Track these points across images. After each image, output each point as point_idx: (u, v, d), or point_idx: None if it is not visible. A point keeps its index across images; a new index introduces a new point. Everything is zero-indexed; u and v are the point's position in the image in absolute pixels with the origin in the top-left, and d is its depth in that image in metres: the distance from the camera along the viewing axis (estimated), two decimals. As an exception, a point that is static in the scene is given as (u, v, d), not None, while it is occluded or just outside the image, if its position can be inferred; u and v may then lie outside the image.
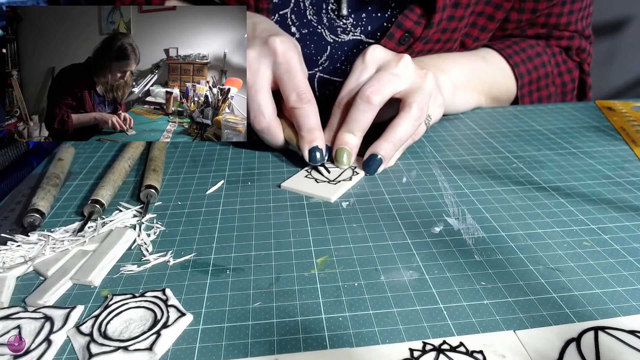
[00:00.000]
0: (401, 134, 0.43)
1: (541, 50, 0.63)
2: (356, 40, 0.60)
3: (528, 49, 0.62)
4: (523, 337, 0.25)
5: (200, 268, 0.31)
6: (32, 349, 0.25)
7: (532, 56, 0.62)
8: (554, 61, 0.64)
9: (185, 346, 0.25)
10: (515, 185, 0.41)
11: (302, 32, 0.60)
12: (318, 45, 0.60)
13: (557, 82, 0.65)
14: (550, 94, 0.65)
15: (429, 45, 0.60)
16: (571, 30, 0.65)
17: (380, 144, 0.43)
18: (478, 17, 0.61)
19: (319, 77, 0.63)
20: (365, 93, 0.42)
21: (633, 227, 0.34)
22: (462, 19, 0.59)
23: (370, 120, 0.43)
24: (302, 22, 0.60)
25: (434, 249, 0.32)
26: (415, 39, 0.57)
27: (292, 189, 0.41)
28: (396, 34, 0.57)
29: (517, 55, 0.61)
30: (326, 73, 0.62)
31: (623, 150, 0.47)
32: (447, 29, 0.59)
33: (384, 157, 0.42)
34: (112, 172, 0.41)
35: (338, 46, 0.60)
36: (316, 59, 0.61)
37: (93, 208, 0.36)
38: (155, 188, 0.39)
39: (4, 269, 0.30)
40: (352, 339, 0.25)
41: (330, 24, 0.59)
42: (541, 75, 0.63)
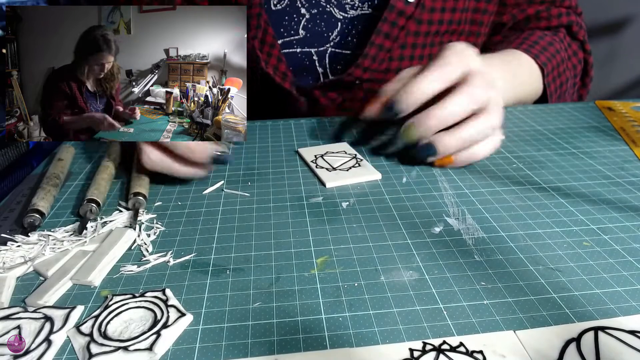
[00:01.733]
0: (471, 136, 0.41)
1: (550, 39, 0.64)
2: (365, 14, 0.62)
3: (540, 40, 0.63)
4: (523, 337, 0.25)
5: (200, 268, 0.31)
6: (32, 349, 0.25)
7: (546, 46, 0.63)
8: (564, 46, 0.66)
9: (185, 346, 0.25)
10: (515, 185, 0.41)
11: (312, 13, 0.62)
12: (328, 23, 0.63)
13: (569, 65, 0.67)
14: (567, 78, 0.67)
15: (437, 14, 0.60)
16: (566, 6, 0.67)
17: (450, 137, 0.41)
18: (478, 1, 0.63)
19: (331, 52, 0.64)
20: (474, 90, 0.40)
21: (633, 227, 0.34)
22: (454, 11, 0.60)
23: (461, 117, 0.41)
24: (311, 3, 0.62)
25: (434, 249, 0.32)
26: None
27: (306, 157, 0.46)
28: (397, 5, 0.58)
29: (533, 47, 0.62)
30: (337, 47, 0.64)
31: (623, 151, 0.47)
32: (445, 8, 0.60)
33: (443, 149, 0.41)
34: (98, 171, 0.41)
35: (348, 22, 0.62)
36: (327, 36, 0.63)
37: (88, 207, 0.36)
38: (144, 196, 0.38)
39: (4, 269, 0.30)
40: (352, 339, 0.25)
41: (338, 2, 0.61)
42: (559, 61, 0.64)
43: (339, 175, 0.43)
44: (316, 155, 0.47)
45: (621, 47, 1.47)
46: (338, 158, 0.46)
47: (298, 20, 0.62)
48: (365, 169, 0.44)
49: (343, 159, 0.46)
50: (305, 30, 0.63)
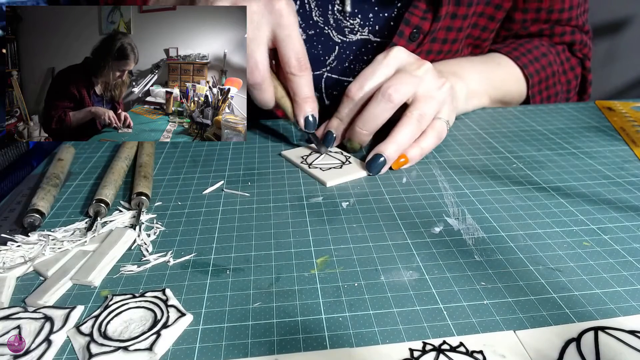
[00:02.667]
0: (404, 137, 0.43)
1: (546, 50, 0.64)
2: (364, 39, 0.60)
3: (534, 50, 0.63)
4: (523, 337, 0.25)
5: (200, 268, 0.31)
6: (32, 349, 0.25)
7: (539, 56, 0.63)
8: (559, 60, 0.65)
9: (185, 346, 0.25)
10: (515, 185, 0.41)
11: (308, 34, 0.60)
12: (325, 46, 0.60)
13: (562, 80, 0.66)
14: (557, 92, 0.66)
15: (437, 45, 0.60)
16: (572, 25, 0.66)
17: (386, 145, 0.43)
18: (480, 17, 0.62)
19: (327, 77, 0.63)
20: (387, 91, 0.43)
21: (633, 227, 0.34)
22: (465, 18, 0.59)
23: (386, 118, 0.44)
24: (308, 24, 0.60)
25: (434, 249, 0.32)
26: (424, 35, 0.58)
27: (291, 159, 0.45)
28: (405, 32, 0.57)
29: (525, 56, 0.62)
30: (334, 73, 0.62)
31: (623, 151, 0.47)
32: (452, 27, 0.59)
33: (388, 157, 0.43)
34: (112, 172, 0.41)
35: (346, 46, 0.60)
36: (324, 60, 0.61)
37: (99, 207, 0.36)
38: (147, 196, 0.39)
39: (4, 269, 0.30)
40: (352, 339, 0.25)
41: (337, 25, 0.59)
42: (549, 74, 0.64)
43: (335, 173, 0.43)
44: (303, 157, 0.47)
45: (621, 47, 1.47)
46: (327, 157, 0.46)
47: None
48: (356, 165, 0.45)
49: (332, 158, 0.46)
50: None
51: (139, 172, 0.42)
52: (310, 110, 0.46)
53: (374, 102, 0.43)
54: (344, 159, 0.46)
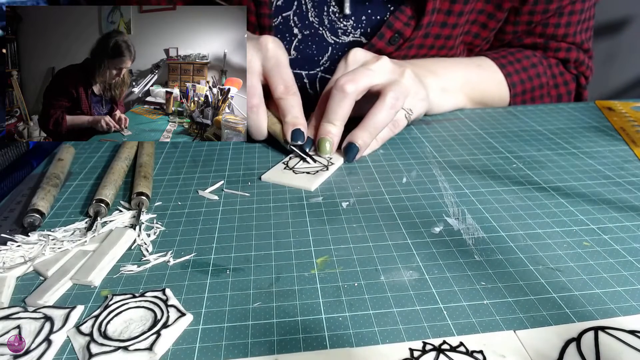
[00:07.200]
0: (376, 122, 0.45)
1: (537, 61, 0.63)
2: (356, 41, 0.61)
3: (524, 60, 0.63)
4: (523, 337, 0.25)
5: (200, 268, 0.31)
6: (32, 349, 0.25)
7: (527, 67, 0.63)
8: (550, 72, 0.64)
9: (185, 346, 0.25)
10: (515, 185, 0.41)
11: (304, 34, 0.61)
12: (319, 47, 0.62)
13: (552, 93, 0.65)
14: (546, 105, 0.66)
15: (424, 50, 0.61)
16: (569, 42, 0.65)
17: (357, 133, 0.45)
18: (472, 25, 0.62)
19: (321, 76, 0.64)
20: (339, 83, 0.45)
21: (633, 227, 0.34)
22: (455, 27, 0.59)
23: (347, 109, 0.46)
24: (304, 24, 0.61)
25: (434, 249, 0.32)
26: (405, 40, 0.59)
27: (274, 180, 0.42)
28: (386, 34, 0.58)
29: (512, 65, 0.62)
30: (327, 73, 0.64)
31: (623, 151, 0.47)
32: (441, 35, 0.60)
33: (360, 145, 0.45)
34: (111, 172, 0.41)
35: (339, 47, 0.62)
36: (317, 60, 0.63)
37: (99, 207, 0.36)
38: (147, 196, 0.39)
39: (4, 269, 0.30)
40: (352, 339, 0.25)
41: (331, 26, 0.60)
42: (535, 86, 0.63)
43: (317, 175, 0.43)
44: (284, 162, 0.45)
45: (621, 47, 1.47)
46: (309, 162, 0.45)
47: (290, 39, 0.62)
48: (339, 160, 0.45)
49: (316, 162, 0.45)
50: (297, 51, 0.63)
51: (139, 172, 0.42)
52: (300, 126, 0.47)
53: (331, 97, 0.46)
54: (326, 161, 0.45)
